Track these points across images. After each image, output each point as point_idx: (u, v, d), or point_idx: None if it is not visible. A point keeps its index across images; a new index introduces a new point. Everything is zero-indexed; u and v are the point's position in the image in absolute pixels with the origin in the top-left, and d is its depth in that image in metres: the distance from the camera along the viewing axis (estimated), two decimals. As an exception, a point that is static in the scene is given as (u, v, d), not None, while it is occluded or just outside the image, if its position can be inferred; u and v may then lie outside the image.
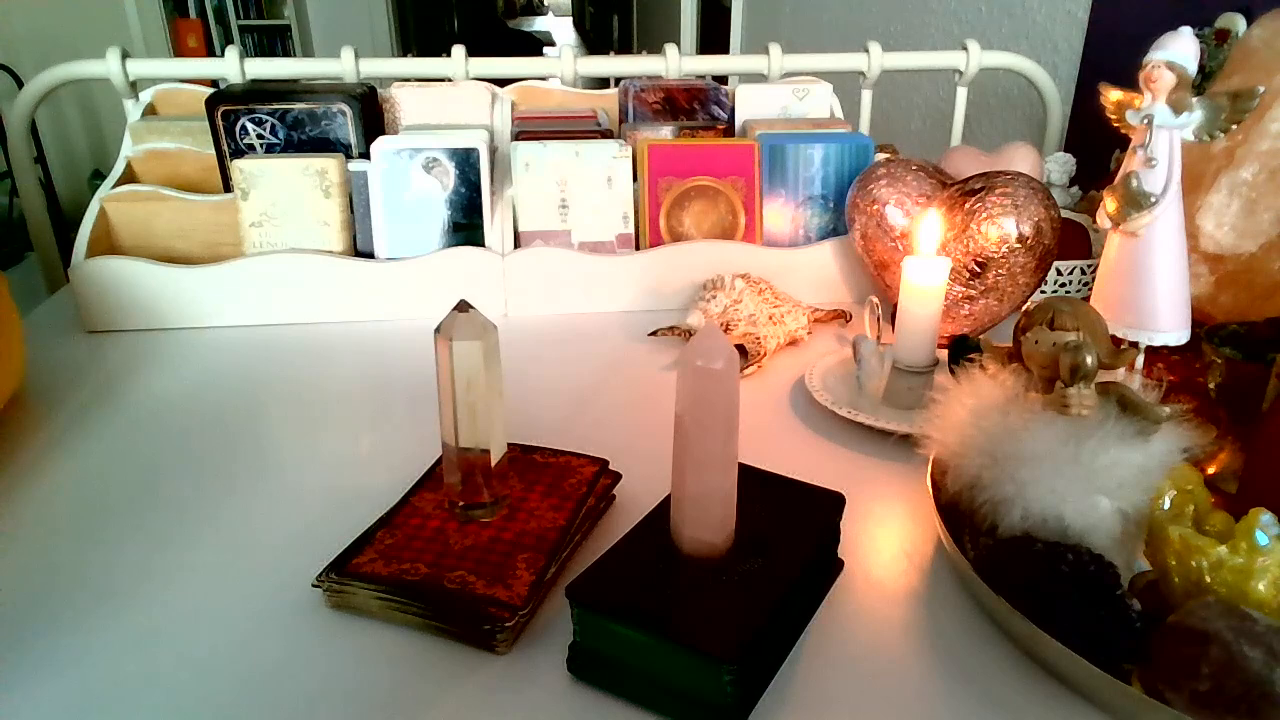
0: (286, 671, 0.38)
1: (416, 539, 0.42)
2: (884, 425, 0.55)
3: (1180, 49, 0.54)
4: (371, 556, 0.41)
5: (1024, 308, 0.45)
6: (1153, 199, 0.56)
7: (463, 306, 0.41)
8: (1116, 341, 0.51)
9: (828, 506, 0.43)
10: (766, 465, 0.45)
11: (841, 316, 0.74)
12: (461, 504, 0.43)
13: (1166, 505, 0.39)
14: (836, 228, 0.79)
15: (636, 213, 0.77)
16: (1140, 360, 0.61)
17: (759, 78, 0.94)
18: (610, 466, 0.49)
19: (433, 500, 0.45)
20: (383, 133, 0.77)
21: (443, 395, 0.41)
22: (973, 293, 0.66)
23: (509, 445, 0.46)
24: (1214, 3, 0.85)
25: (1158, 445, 0.39)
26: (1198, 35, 0.55)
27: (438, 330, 0.41)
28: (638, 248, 0.77)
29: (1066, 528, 0.39)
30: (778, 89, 0.88)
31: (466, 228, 0.75)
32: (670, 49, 0.94)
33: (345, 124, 0.75)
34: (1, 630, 0.40)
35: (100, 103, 3.74)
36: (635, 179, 0.77)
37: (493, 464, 0.43)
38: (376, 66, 0.90)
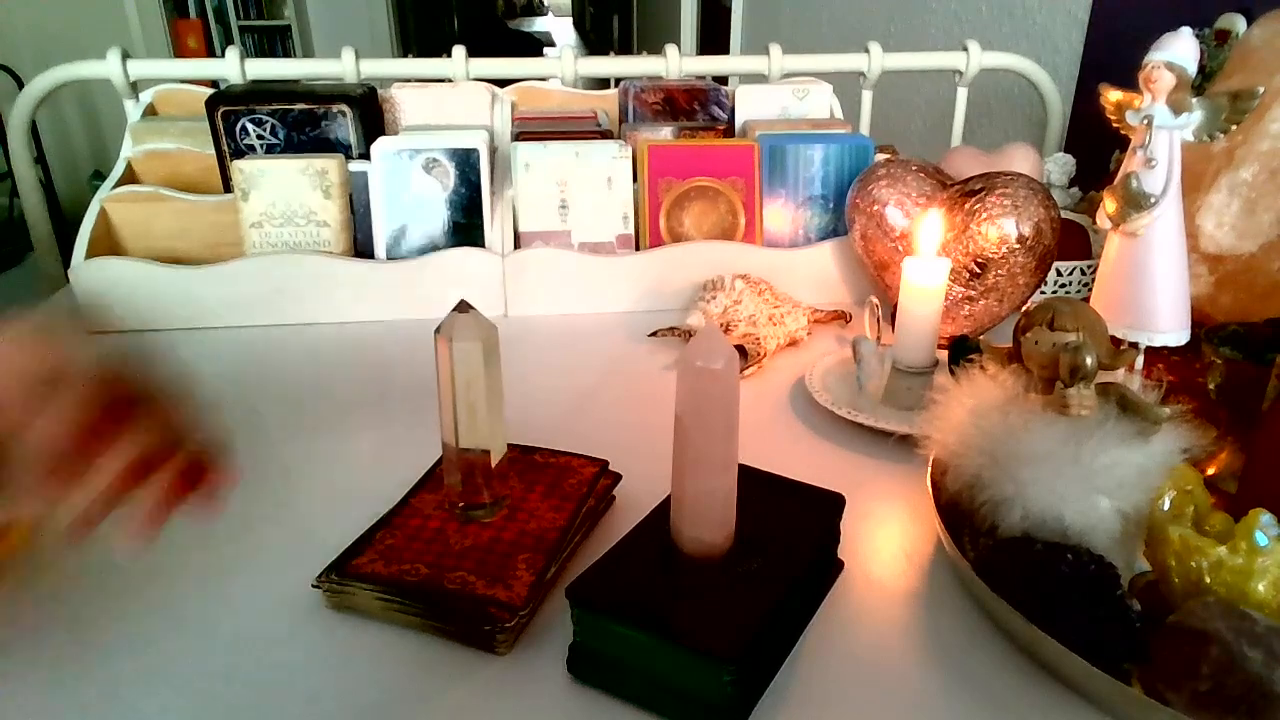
0: (286, 672, 0.38)
1: (417, 540, 0.42)
2: (884, 425, 0.55)
3: (1180, 49, 0.54)
4: (372, 557, 0.41)
5: (1024, 308, 0.45)
6: (1153, 199, 0.56)
7: (463, 307, 0.41)
8: (1116, 342, 0.51)
9: (828, 507, 0.43)
10: (766, 465, 0.45)
11: (841, 317, 0.74)
12: (461, 504, 0.43)
13: (1166, 505, 0.39)
14: (836, 228, 0.79)
15: (636, 213, 0.77)
16: (1140, 360, 0.61)
17: (759, 78, 0.94)
18: (610, 467, 0.49)
19: (433, 501, 0.45)
20: (383, 133, 0.77)
21: (443, 396, 0.41)
22: (973, 293, 0.66)
23: (509, 446, 0.46)
24: (1214, 3, 0.85)
25: (1158, 445, 0.39)
26: (1198, 35, 0.55)
27: (438, 331, 0.40)
28: (638, 248, 0.77)
29: (1066, 528, 0.39)
30: (778, 89, 0.88)
31: (466, 228, 0.75)
32: (670, 49, 0.94)
33: (345, 124, 0.75)
34: None
35: (100, 103, 3.74)
36: (635, 179, 0.77)
37: (493, 464, 0.43)
38: (376, 67, 0.90)
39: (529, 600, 0.39)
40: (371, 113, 0.78)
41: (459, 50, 0.91)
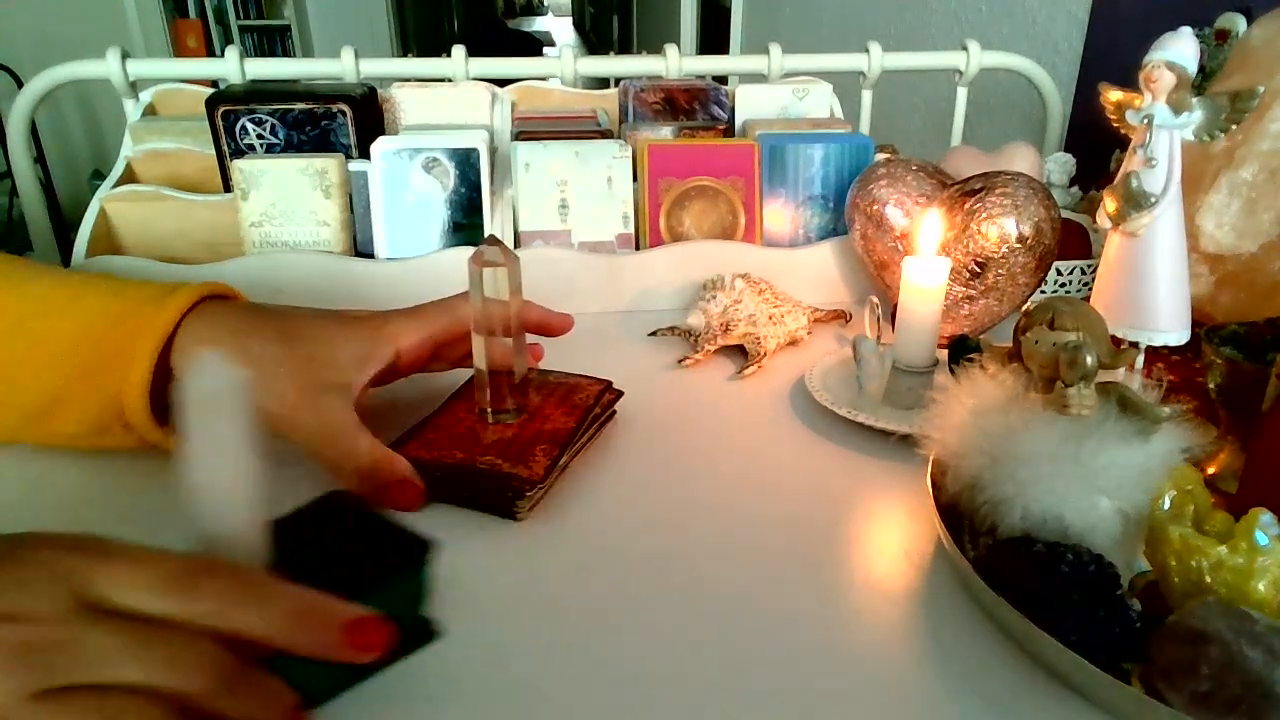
0: None
1: (452, 434, 0.50)
2: (884, 425, 0.55)
3: (1180, 49, 0.54)
4: (415, 446, 0.49)
5: (1024, 308, 0.45)
6: (1153, 199, 0.56)
7: (492, 240, 0.48)
8: (1116, 341, 0.51)
9: (411, 555, 0.37)
10: (765, 465, 0.45)
11: (841, 316, 0.74)
12: (490, 409, 0.51)
13: (1166, 505, 0.39)
14: (836, 228, 0.79)
15: (636, 213, 0.77)
16: (1140, 360, 0.61)
17: (759, 78, 0.94)
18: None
19: (464, 408, 0.53)
20: (383, 133, 0.77)
21: (475, 323, 0.49)
22: (973, 293, 0.66)
23: (530, 368, 0.56)
24: (1214, 3, 0.85)
25: (1158, 445, 0.39)
26: (1198, 35, 0.55)
27: (471, 259, 0.48)
28: (638, 248, 0.77)
29: (1066, 528, 0.39)
30: (778, 89, 0.88)
31: (466, 228, 0.75)
32: (670, 49, 0.94)
33: (345, 124, 0.75)
34: None
35: (100, 103, 3.74)
36: (635, 179, 0.77)
37: (516, 380, 0.51)
38: (376, 66, 0.90)
39: (545, 477, 0.47)
40: (371, 112, 0.78)
41: (459, 50, 0.91)
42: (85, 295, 0.48)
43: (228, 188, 0.76)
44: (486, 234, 0.75)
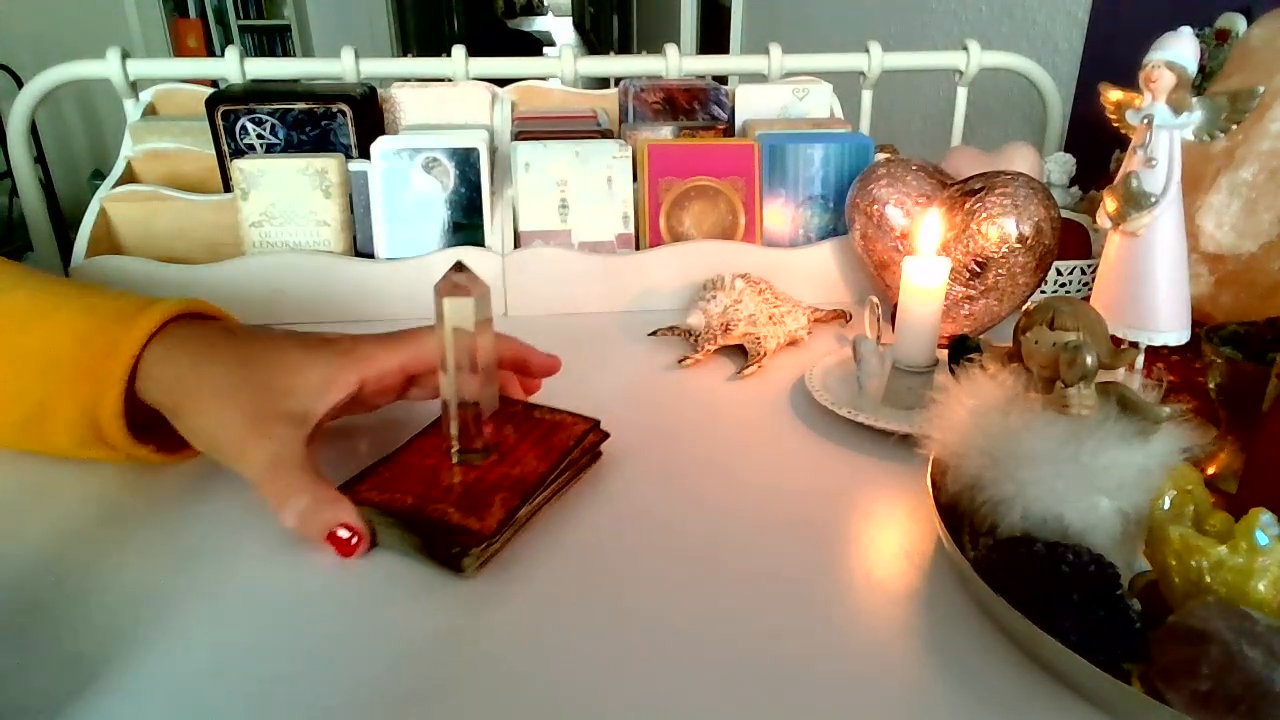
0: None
1: (410, 474, 0.47)
2: (884, 425, 0.55)
3: (1180, 49, 0.54)
4: (370, 486, 0.46)
5: (1024, 308, 0.45)
6: (1153, 199, 0.56)
7: (458, 267, 0.44)
8: (1116, 341, 0.51)
9: None
10: (765, 465, 0.45)
11: (841, 316, 0.74)
12: (457, 448, 0.48)
13: (1166, 505, 0.39)
14: (836, 228, 0.79)
15: (636, 213, 0.77)
16: (1140, 360, 0.61)
17: (759, 78, 0.94)
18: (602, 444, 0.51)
19: (433, 443, 0.50)
20: (383, 133, 0.77)
21: (440, 354, 0.45)
22: (973, 293, 0.66)
23: (515, 401, 0.53)
24: (1214, 3, 0.85)
25: (1158, 445, 0.39)
26: (1198, 35, 0.55)
27: (435, 289, 0.44)
28: (638, 247, 0.77)
29: (1066, 528, 0.39)
30: (778, 89, 0.88)
31: (466, 228, 0.75)
32: (670, 49, 0.94)
33: (345, 124, 0.75)
34: None
35: (100, 103, 3.74)
36: (635, 179, 0.77)
37: (485, 417, 0.48)
38: (376, 66, 0.90)
39: (498, 532, 0.43)
40: (371, 112, 0.78)
41: (459, 50, 0.91)
42: (58, 310, 0.47)
43: (228, 188, 0.76)
44: (486, 235, 0.75)
